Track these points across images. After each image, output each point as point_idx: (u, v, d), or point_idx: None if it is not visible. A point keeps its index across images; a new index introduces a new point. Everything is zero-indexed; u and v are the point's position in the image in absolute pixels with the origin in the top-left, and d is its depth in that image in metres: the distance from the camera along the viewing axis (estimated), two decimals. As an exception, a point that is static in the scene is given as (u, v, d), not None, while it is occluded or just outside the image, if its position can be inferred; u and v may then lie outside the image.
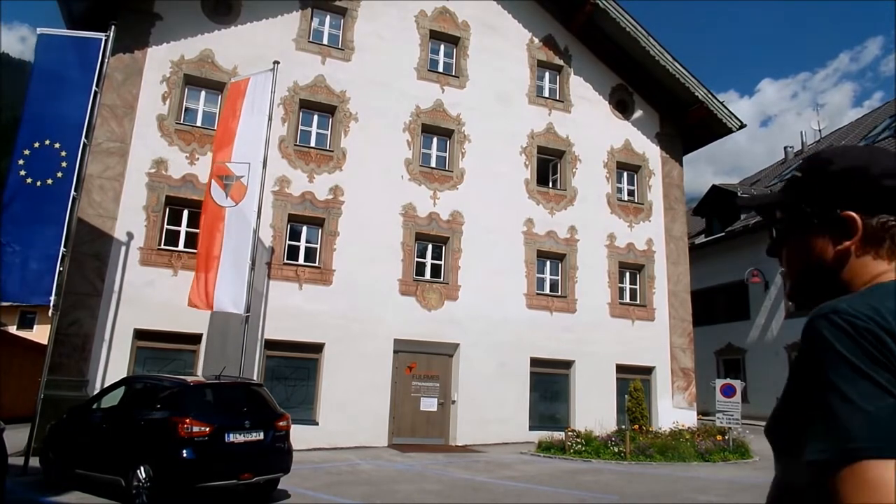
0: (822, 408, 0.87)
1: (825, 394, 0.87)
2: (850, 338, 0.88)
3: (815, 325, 0.92)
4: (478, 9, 15.78)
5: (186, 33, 12.99)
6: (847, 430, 0.83)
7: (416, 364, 13.64)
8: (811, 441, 0.87)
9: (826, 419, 0.86)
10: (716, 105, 16.61)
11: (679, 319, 16.08)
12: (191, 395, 7.30)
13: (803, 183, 1.10)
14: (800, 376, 0.95)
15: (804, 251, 1.08)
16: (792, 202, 1.11)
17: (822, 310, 0.93)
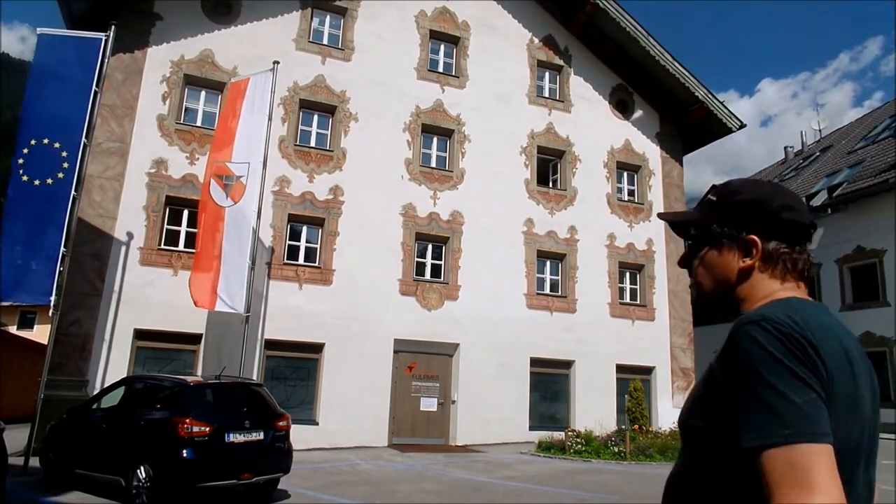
0: (759, 401, 1.01)
1: (762, 389, 1.02)
2: (779, 341, 1.03)
3: (748, 331, 1.06)
4: (478, 9, 15.78)
5: (186, 33, 12.99)
6: (783, 420, 0.98)
7: (416, 364, 13.64)
8: (747, 430, 1.01)
9: (763, 411, 1.00)
10: (716, 105, 16.61)
11: (679, 319, 16.08)
12: (191, 395, 7.29)
13: (716, 206, 1.27)
14: (731, 374, 1.07)
15: (713, 265, 1.26)
16: (706, 222, 1.27)
17: (751, 317, 1.09)
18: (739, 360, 1.06)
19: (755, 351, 1.04)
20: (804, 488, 0.94)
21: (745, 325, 1.08)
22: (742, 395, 1.04)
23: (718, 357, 1.13)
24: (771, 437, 0.99)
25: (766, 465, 0.99)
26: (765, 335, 1.04)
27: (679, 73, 16.17)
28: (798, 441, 0.97)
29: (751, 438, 1.01)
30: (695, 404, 1.19)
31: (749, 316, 1.10)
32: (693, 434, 1.19)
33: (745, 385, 1.04)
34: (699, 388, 1.19)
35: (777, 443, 0.98)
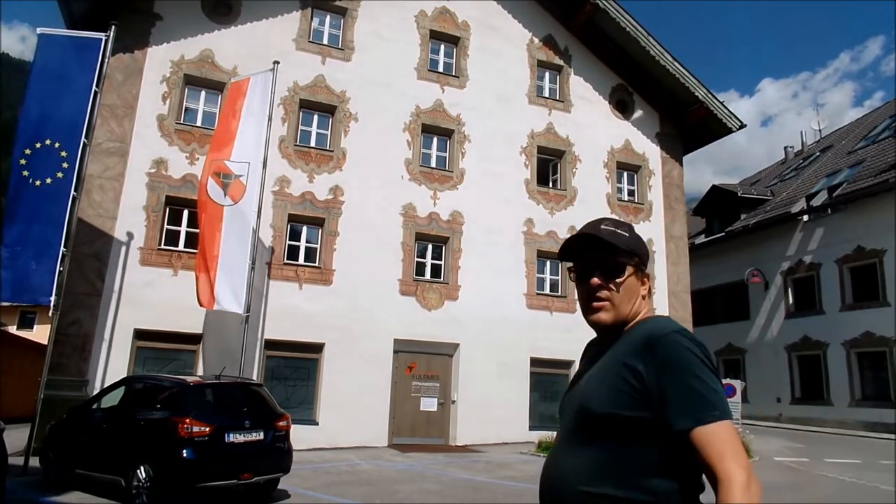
0: (692, 391, 1.31)
1: (694, 382, 1.32)
2: (698, 346, 1.37)
3: (677, 339, 1.37)
4: (478, 9, 15.77)
5: (186, 33, 12.98)
6: (714, 404, 1.31)
7: (416, 364, 13.64)
8: (685, 413, 1.30)
9: (698, 398, 1.31)
10: (716, 105, 16.60)
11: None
12: (191, 395, 7.29)
13: (633, 241, 1.55)
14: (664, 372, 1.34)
15: (633, 291, 1.53)
16: (633, 251, 1.54)
17: (672, 328, 1.41)
18: (674, 361, 1.34)
19: (686, 354, 1.34)
20: (738, 453, 1.28)
21: (669, 333, 1.38)
22: (675, 389, 1.32)
23: (640, 358, 1.37)
24: (712, 416, 1.29)
25: (703, 440, 1.28)
26: (690, 343, 1.37)
27: (679, 73, 16.17)
28: (726, 418, 1.31)
29: (697, 419, 1.29)
30: (620, 399, 1.37)
31: (664, 328, 1.41)
32: (619, 426, 1.36)
33: (678, 380, 1.32)
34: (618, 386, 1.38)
35: (716, 420, 1.29)
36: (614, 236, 1.54)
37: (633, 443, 1.35)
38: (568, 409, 1.54)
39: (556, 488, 1.45)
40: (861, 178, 19.51)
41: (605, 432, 1.38)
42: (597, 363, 1.53)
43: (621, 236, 1.54)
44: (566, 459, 1.45)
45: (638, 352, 1.38)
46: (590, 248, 1.56)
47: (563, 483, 1.42)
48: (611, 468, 1.36)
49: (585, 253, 1.58)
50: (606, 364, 1.46)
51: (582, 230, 1.60)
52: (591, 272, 1.55)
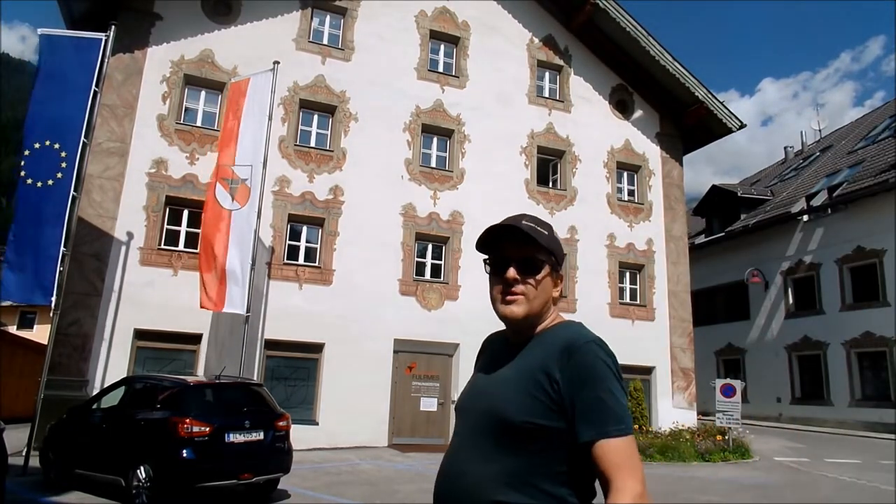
0: (602, 402, 1.32)
1: (604, 394, 1.33)
2: (612, 358, 1.40)
3: (592, 349, 1.38)
4: (478, 9, 15.77)
5: (186, 33, 12.98)
6: (621, 418, 1.31)
7: (416, 364, 13.64)
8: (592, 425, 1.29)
9: (607, 410, 1.31)
10: (716, 105, 16.60)
11: (679, 319, 16.08)
12: (191, 395, 7.29)
13: (551, 241, 1.52)
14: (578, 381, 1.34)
15: (547, 290, 1.53)
16: (550, 251, 1.51)
17: (590, 337, 1.42)
18: (589, 371, 1.35)
19: (601, 365, 1.36)
20: (636, 468, 1.27)
21: (588, 343, 1.39)
22: (586, 399, 1.32)
23: (557, 365, 1.37)
24: (616, 431, 1.29)
25: (603, 453, 1.28)
26: (604, 353, 1.39)
27: (679, 73, 16.17)
28: (628, 433, 1.31)
29: (601, 432, 1.29)
30: (533, 406, 1.35)
31: (587, 336, 1.42)
32: (529, 434, 1.35)
33: (590, 391, 1.32)
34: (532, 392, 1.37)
35: (614, 435, 1.29)
36: (534, 232, 1.51)
37: (545, 451, 1.34)
38: (472, 410, 1.49)
39: (461, 497, 1.38)
40: (861, 178, 19.51)
41: (518, 440, 1.35)
42: (508, 365, 1.50)
43: (541, 233, 1.51)
44: (474, 467, 1.38)
45: (556, 359, 1.37)
46: (509, 240, 1.51)
47: (472, 492, 1.36)
48: (522, 477, 1.33)
49: (503, 245, 1.52)
50: (522, 368, 1.43)
51: (503, 222, 1.53)
52: (508, 265, 1.51)
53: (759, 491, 9.57)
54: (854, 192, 19.14)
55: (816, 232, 20.80)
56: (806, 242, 21.11)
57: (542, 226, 1.53)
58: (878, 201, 18.32)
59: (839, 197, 19.72)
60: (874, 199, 18.42)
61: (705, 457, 12.23)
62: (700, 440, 12.99)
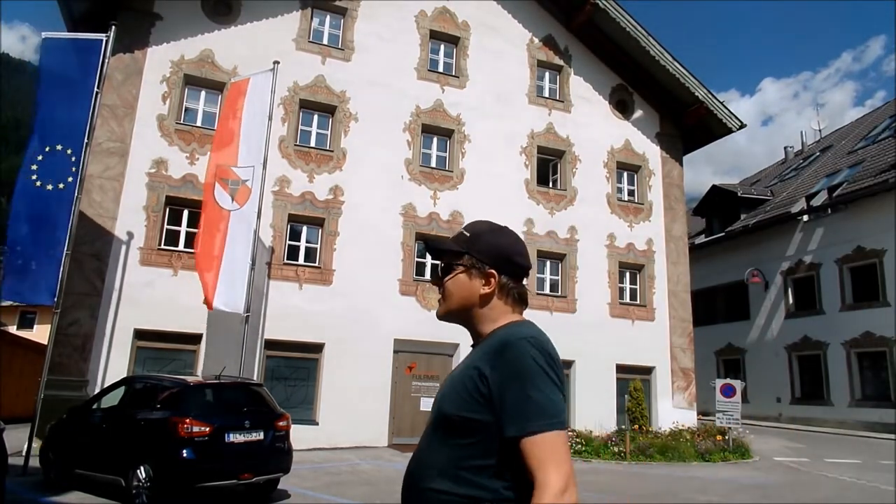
0: (529, 399, 1.33)
1: (531, 390, 1.34)
2: (545, 355, 1.39)
3: (522, 345, 1.39)
4: (478, 9, 15.77)
5: (186, 33, 12.98)
6: (545, 413, 1.32)
7: (416, 364, 13.65)
8: (517, 421, 1.32)
9: (532, 406, 1.32)
10: (716, 105, 16.61)
11: (679, 319, 16.08)
12: (191, 395, 7.29)
13: (470, 241, 1.56)
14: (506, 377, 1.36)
15: (461, 287, 1.55)
16: (460, 251, 1.56)
17: (520, 335, 1.42)
18: (516, 368, 1.36)
19: (528, 362, 1.36)
20: (561, 462, 1.29)
21: (519, 340, 1.40)
22: (513, 396, 1.34)
23: (489, 363, 1.40)
24: (542, 425, 1.31)
25: (532, 447, 1.30)
26: (534, 350, 1.38)
27: (679, 72, 16.17)
28: (555, 428, 1.32)
29: (525, 427, 1.31)
30: (467, 402, 1.40)
31: (516, 334, 1.43)
32: (463, 428, 1.40)
33: (517, 388, 1.34)
34: (467, 389, 1.41)
35: (545, 429, 1.30)
36: (451, 238, 1.62)
37: (478, 444, 1.38)
38: (432, 408, 1.58)
39: (408, 484, 1.49)
40: (861, 178, 19.51)
41: (453, 432, 1.42)
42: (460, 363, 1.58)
43: (458, 238, 1.60)
44: (422, 456, 1.49)
45: (488, 356, 1.42)
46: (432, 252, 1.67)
47: (416, 479, 1.46)
48: (454, 467, 1.39)
49: None
50: (463, 366, 1.50)
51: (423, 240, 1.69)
52: None
53: (759, 491, 9.57)
54: (854, 192, 19.14)
55: (816, 232, 20.80)
56: (806, 242, 21.11)
57: (470, 228, 1.61)
58: (878, 201, 18.32)
59: (839, 197, 19.72)
60: (874, 199, 18.42)
61: (705, 457, 12.23)
62: (700, 440, 12.99)
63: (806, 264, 20.90)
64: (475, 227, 1.61)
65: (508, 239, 1.60)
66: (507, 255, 1.57)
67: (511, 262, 1.57)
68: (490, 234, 1.59)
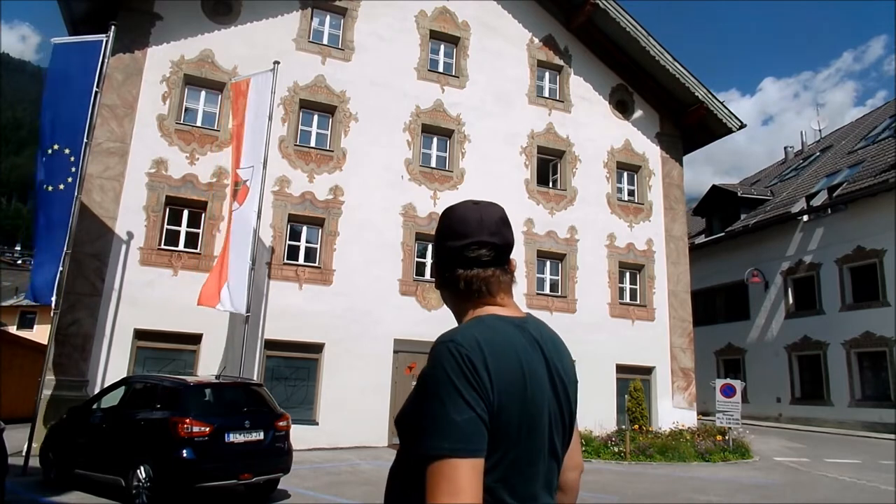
0: (427, 416, 1.11)
1: (432, 403, 1.12)
2: (456, 362, 1.13)
3: (437, 350, 1.17)
4: (478, 9, 15.78)
5: (186, 33, 12.98)
6: (444, 435, 1.08)
7: (416, 364, 13.64)
8: (419, 438, 1.11)
9: (427, 423, 1.10)
10: (716, 105, 16.61)
11: (679, 319, 16.08)
12: (191, 395, 7.29)
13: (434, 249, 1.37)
14: (421, 385, 1.18)
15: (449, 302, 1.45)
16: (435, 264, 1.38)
17: (444, 337, 1.20)
18: (425, 376, 1.17)
19: (436, 370, 1.14)
20: (452, 496, 1.04)
21: (437, 344, 1.19)
22: (421, 409, 1.15)
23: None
24: (432, 448, 1.08)
25: (427, 472, 1.08)
26: (447, 355, 1.14)
27: (679, 72, 16.17)
28: (454, 455, 1.06)
29: (417, 447, 1.11)
30: (405, 409, 1.27)
31: (444, 336, 1.21)
32: (402, 437, 1.26)
33: (423, 400, 1.15)
34: (411, 395, 1.26)
35: (436, 454, 1.07)
36: None
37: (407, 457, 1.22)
38: None
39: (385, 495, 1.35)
40: (861, 178, 19.51)
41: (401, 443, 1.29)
42: None
43: None
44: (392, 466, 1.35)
45: None
46: None
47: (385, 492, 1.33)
48: (398, 483, 1.26)
49: None
50: None
51: None
52: None
53: (759, 491, 9.57)
54: (854, 192, 19.14)
55: (816, 232, 20.80)
56: (806, 242, 21.11)
57: None
58: (878, 201, 18.32)
59: (839, 197, 19.72)
60: (874, 199, 18.42)
61: (705, 457, 12.23)
62: (700, 440, 12.99)
63: (806, 264, 20.90)
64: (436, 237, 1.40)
65: (445, 223, 1.35)
66: (445, 245, 1.34)
67: (452, 249, 1.32)
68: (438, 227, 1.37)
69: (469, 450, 1.08)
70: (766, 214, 22.72)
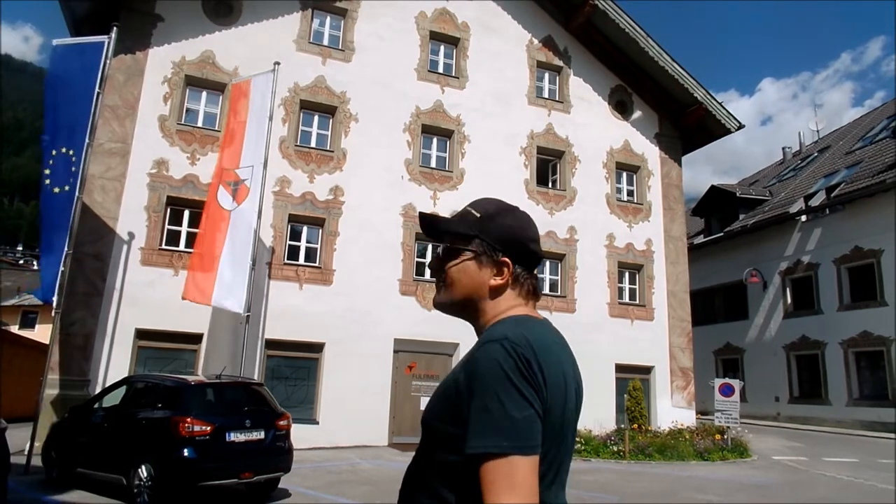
0: (486, 413, 1.11)
1: (490, 402, 1.12)
2: (513, 360, 1.15)
3: (491, 348, 1.17)
4: (477, 10, 15.82)
5: (187, 34, 13.03)
6: (503, 432, 1.09)
7: (416, 364, 13.69)
8: (472, 437, 1.11)
9: (489, 422, 1.11)
10: (714, 106, 16.65)
11: (678, 319, 16.12)
12: (192, 394, 7.33)
13: (480, 223, 1.34)
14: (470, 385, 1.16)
15: (470, 275, 1.35)
16: (470, 235, 1.34)
17: (496, 336, 1.20)
18: (479, 374, 1.16)
19: (493, 368, 1.15)
20: (512, 493, 1.06)
21: (491, 342, 1.19)
22: (474, 407, 1.14)
23: (464, 366, 1.21)
24: (491, 446, 1.09)
25: (483, 470, 1.09)
26: (504, 354, 1.15)
27: (678, 73, 16.22)
28: (514, 453, 1.09)
29: (475, 446, 1.11)
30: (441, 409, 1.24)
31: (494, 334, 1.21)
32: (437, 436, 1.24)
33: (478, 397, 1.14)
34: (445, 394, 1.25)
35: (496, 452, 1.09)
36: (455, 217, 1.38)
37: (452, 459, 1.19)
38: None
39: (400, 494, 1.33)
40: (859, 179, 19.56)
41: (432, 443, 1.26)
42: None
43: (465, 217, 1.38)
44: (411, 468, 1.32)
45: (467, 359, 1.24)
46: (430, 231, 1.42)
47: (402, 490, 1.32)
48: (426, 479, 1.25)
49: None
50: (452, 370, 1.32)
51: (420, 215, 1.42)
52: None
53: (758, 490, 9.62)
54: (852, 192, 19.18)
55: (815, 232, 20.85)
56: (804, 242, 21.16)
57: (478, 208, 1.39)
58: (876, 202, 18.37)
59: (837, 197, 19.77)
60: (872, 199, 18.47)
61: (704, 456, 12.28)
62: (699, 439, 13.04)
63: (804, 264, 20.96)
64: (485, 207, 1.38)
65: (522, 222, 1.39)
66: (521, 241, 1.36)
67: (526, 249, 1.36)
68: (503, 216, 1.37)
69: (529, 447, 1.10)
70: (765, 215, 22.77)
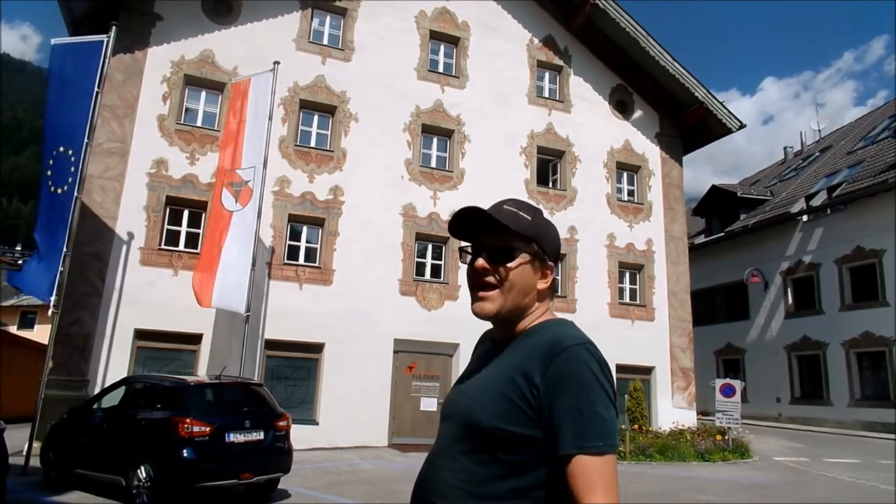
0: (580, 413, 1.17)
1: (584, 404, 1.17)
2: (599, 364, 1.22)
3: (578, 351, 1.22)
4: (478, 9, 15.79)
5: (187, 33, 13.00)
6: (600, 434, 1.17)
7: (416, 364, 13.66)
8: (570, 437, 1.16)
9: (584, 423, 1.17)
10: (715, 105, 16.62)
11: (679, 319, 16.09)
12: (191, 394, 7.31)
13: (533, 227, 1.35)
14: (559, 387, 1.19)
15: (527, 279, 1.34)
16: (531, 237, 1.34)
17: (578, 339, 1.24)
18: (570, 377, 1.20)
19: (584, 371, 1.20)
20: (611, 491, 1.16)
21: (575, 346, 1.23)
22: (565, 408, 1.17)
23: (539, 368, 1.22)
24: (589, 447, 1.16)
25: (579, 469, 1.15)
26: (591, 358, 1.22)
27: (679, 73, 16.19)
28: (609, 451, 1.18)
29: (572, 446, 1.16)
30: (504, 409, 1.23)
31: (570, 336, 1.25)
32: (497, 437, 1.23)
33: (569, 399, 1.18)
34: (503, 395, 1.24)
35: (594, 452, 1.16)
36: (513, 217, 1.34)
37: (521, 462, 1.22)
38: (452, 414, 1.36)
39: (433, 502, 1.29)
40: (860, 179, 19.53)
41: (489, 448, 1.24)
42: (489, 365, 1.35)
43: (522, 219, 1.34)
44: (448, 473, 1.28)
45: (538, 360, 1.23)
46: (482, 227, 1.37)
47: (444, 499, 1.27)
48: (489, 488, 1.23)
49: (478, 234, 1.39)
50: (500, 370, 1.29)
51: (475, 208, 1.37)
52: (480, 254, 1.37)
53: (759, 491, 9.59)
54: (853, 192, 19.15)
55: (816, 232, 20.82)
56: (805, 242, 21.13)
57: (525, 210, 1.37)
58: (878, 201, 18.34)
59: (838, 197, 19.74)
60: (873, 199, 18.44)
61: (705, 456, 12.25)
62: (700, 440, 13.01)
63: (805, 264, 20.92)
64: (532, 210, 1.38)
65: (555, 227, 1.43)
66: (559, 247, 1.43)
67: (557, 254, 1.42)
68: (545, 221, 1.40)
69: (616, 445, 1.20)
70: (766, 214, 22.74)
